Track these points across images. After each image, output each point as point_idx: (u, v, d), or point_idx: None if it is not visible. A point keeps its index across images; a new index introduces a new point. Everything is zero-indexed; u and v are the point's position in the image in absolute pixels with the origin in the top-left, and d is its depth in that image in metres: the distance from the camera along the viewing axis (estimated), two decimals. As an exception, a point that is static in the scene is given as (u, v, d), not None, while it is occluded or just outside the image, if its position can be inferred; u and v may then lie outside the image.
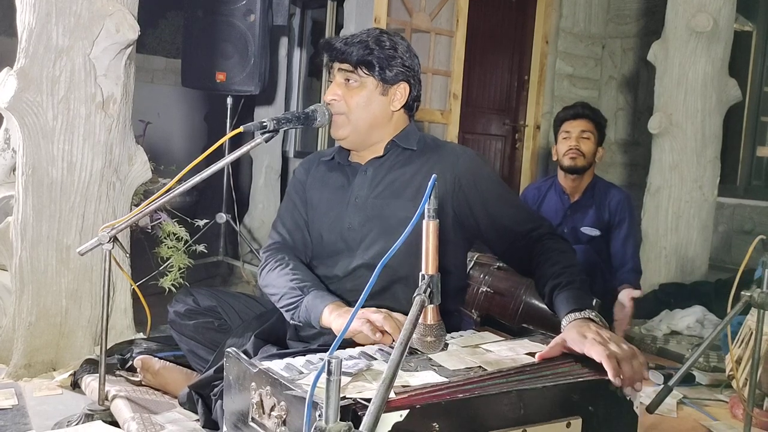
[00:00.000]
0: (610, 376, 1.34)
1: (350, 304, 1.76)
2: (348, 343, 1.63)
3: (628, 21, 5.51)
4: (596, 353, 1.38)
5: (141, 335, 2.57)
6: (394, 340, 1.58)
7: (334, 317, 1.67)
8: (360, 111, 1.86)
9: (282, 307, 1.83)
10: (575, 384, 1.37)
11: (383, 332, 1.59)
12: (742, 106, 4.50)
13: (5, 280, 2.68)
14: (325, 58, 1.91)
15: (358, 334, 1.61)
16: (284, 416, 1.29)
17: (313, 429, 0.96)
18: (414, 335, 1.39)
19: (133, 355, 2.31)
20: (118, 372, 2.30)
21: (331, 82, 1.91)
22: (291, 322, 1.82)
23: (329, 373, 0.97)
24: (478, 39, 5.13)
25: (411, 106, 1.95)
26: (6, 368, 2.38)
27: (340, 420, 1.00)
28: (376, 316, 1.60)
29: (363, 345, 1.59)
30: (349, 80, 1.86)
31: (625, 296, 2.86)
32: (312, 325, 1.74)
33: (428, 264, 1.38)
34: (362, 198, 1.89)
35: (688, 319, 3.13)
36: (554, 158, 3.32)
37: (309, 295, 1.76)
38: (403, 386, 1.30)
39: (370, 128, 1.89)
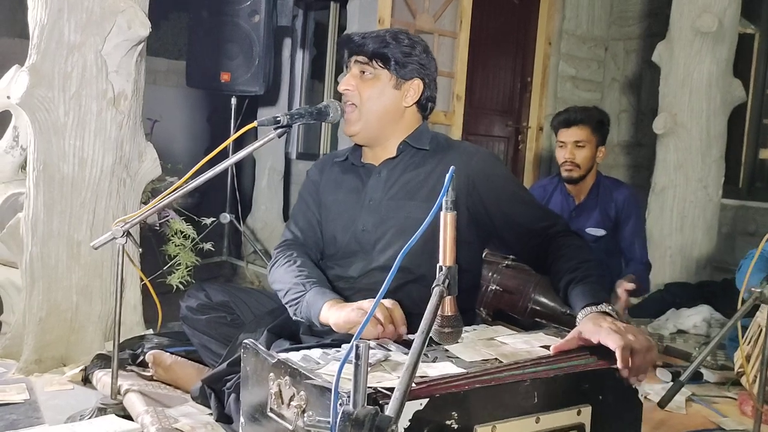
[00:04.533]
0: (619, 365, 1.36)
1: None
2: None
3: (631, 23, 5.53)
4: (612, 341, 1.39)
5: (150, 331, 2.58)
6: (387, 335, 1.57)
7: (332, 312, 1.67)
8: (372, 102, 1.88)
9: (286, 303, 1.83)
10: (585, 373, 1.39)
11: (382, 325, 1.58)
12: (744, 108, 4.52)
13: (14, 277, 2.68)
14: (345, 55, 1.93)
15: (355, 325, 1.61)
16: (304, 406, 1.30)
17: (341, 413, 0.96)
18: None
19: (144, 350, 2.31)
20: (129, 367, 2.30)
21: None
22: (294, 318, 1.82)
23: (357, 357, 0.98)
24: (482, 40, 5.15)
25: (425, 106, 1.96)
26: (16, 364, 2.38)
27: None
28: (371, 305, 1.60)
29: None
30: (364, 72, 1.89)
31: (620, 288, 2.82)
32: (312, 321, 1.74)
33: (446, 255, 1.38)
34: (376, 200, 1.89)
35: (694, 318, 3.14)
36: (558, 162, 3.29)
37: (311, 291, 1.76)
38: (422, 377, 1.31)
39: (381, 122, 1.90)
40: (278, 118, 1.87)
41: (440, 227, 1.38)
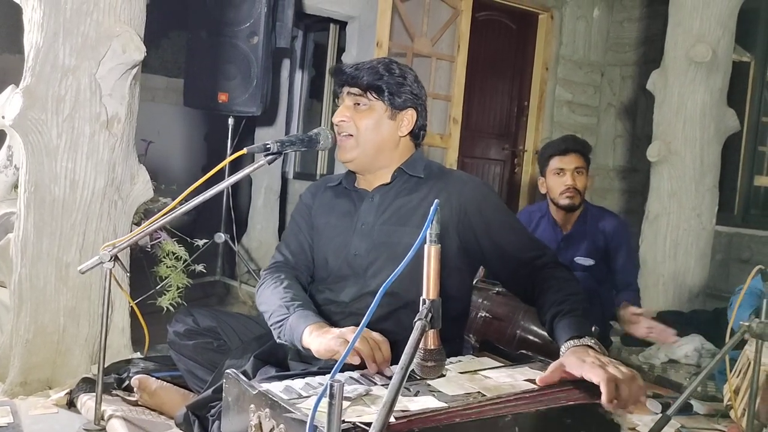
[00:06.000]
0: (604, 398, 1.34)
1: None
2: (349, 366, 1.62)
3: (627, 49, 5.57)
4: (595, 376, 1.38)
5: (138, 355, 2.56)
6: (365, 362, 1.55)
7: (314, 337, 1.65)
8: (369, 133, 1.89)
9: (271, 325, 1.82)
10: (568, 408, 1.39)
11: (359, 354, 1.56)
12: (739, 136, 4.53)
13: (3, 296, 2.67)
14: (335, 84, 1.94)
15: (336, 354, 1.59)
16: (283, 439, 1.29)
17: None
18: (414, 360, 1.39)
19: (130, 374, 2.29)
20: (114, 391, 2.28)
21: (339, 106, 1.93)
22: (278, 341, 1.80)
23: (331, 396, 0.98)
24: (479, 64, 5.18)
25: (417, 134, 1.98)
26: (2, 386, 2.36)
27: (341, 444, 1.00)
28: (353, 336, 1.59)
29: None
30: (358, 104, 1.89)
31: (629, 314, 2.85)
32: (295, 345, 1.73)
33: (429, 288, 1.38)
34: (369, 225, 1.90)
35: (686, 347, 3.12)
36: (542, 191, 3.24)
37: (294, 314, 1.75)
38: (403, 411, 1.30)
39: (378, 151, 1.91)
40: (268, 146, 1.87)
41: (424, 260, 1.38)
